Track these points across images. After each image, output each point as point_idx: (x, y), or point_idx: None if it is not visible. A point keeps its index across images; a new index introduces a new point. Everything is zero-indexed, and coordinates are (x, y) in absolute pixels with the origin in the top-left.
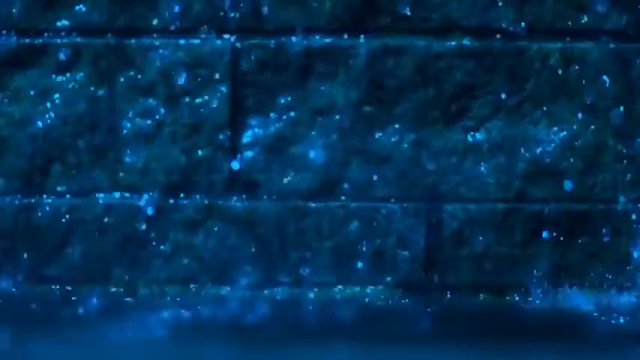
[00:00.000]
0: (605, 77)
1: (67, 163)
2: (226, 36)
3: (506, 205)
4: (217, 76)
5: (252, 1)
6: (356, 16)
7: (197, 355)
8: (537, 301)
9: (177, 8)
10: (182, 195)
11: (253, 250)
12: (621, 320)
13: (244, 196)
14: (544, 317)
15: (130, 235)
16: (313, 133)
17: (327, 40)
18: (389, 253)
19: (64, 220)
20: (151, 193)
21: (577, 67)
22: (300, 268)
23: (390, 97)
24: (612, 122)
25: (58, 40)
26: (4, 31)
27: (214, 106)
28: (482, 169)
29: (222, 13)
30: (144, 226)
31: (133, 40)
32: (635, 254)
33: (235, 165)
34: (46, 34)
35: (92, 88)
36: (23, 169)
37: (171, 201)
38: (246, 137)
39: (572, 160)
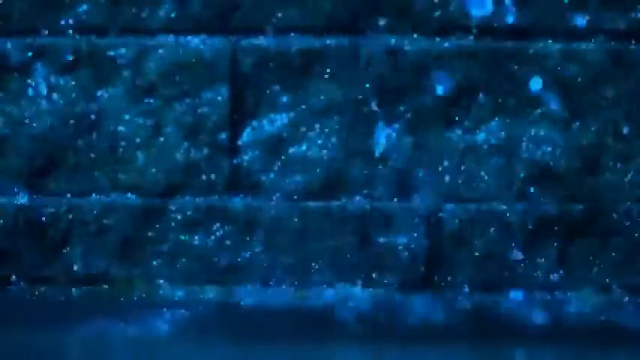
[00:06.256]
0: (605, 77)
1: (67, 164)
2: (226, 36)
3: (506, 206)
4: (217, 76)
5: (253, 2)
6: (357, 16)
7: (198, 354)
8: (537, 301)
9: (177, 8)
10: (182, 195)
11: (253, 250)
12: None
13: (244, 196)
14: (544, 317)
15: (129, 235)
16: (313, 133)
17: (328, 41)
18: (389, 253)
19: (64, 220)
20: (150, 194)
21: (577, 67)
22: (301, 268)
23: (390, 98)
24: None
25: (59, 41)
26: (4, 31)
27: (214, 106)
28: (482, 169)
29: (222, 13)
30: (143, 227)
31: (133, 40)
32: None
33: (235, 165)
34: (46, 34)
35: (92, 89)
36: (23, 169)
37: (171, 201)
38: (246, 137)
39: (572, 160)
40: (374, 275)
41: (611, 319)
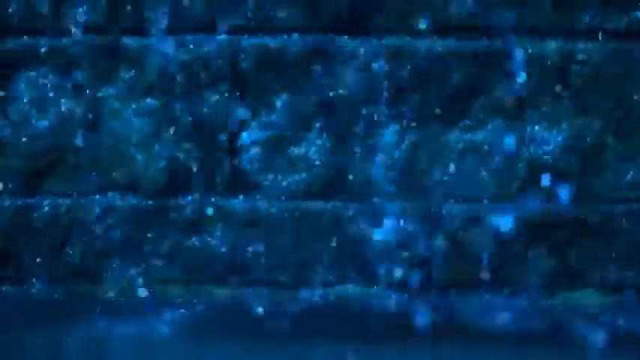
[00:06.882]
0: (605, 77)
1: (67, 163)
2: (226, 36)
3: (506, 205)
4: (217, 75)
5: (253, 1)
6: (356, 16)
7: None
8: (537, 301)
9: (177, 8)
10: (182, 195)
11: (253, 250)
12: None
13: (244, 197)
14: (543, 317)
15: (129, 235)
16: (313, 133)
17: (327, 41)
18: (389, 253)
19: (63, 220)
20: (150, 194)
21: (577, 67)
22: (301, 269)
23: (390, 97)
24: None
25: (60, 40)
26: (4, 31)
27: (214, 106)
28: (482, 169)
29: (222, 13)
30: (143, 227)
31: (133, 40)
32: None
33: (235, 165)
34: (46, 34)
35: (92, 88)
36: (22, 170)
37: (171, 201)
38: (246, 137)
39: (572, 160)
40: (374, 275)
41: (613, 320)
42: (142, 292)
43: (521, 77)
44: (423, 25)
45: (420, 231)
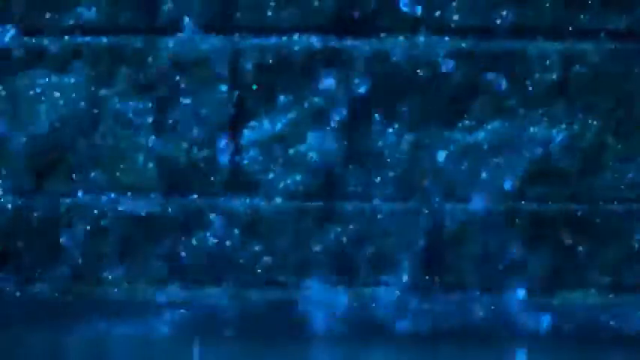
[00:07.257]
0: (605, 77)
1: (66, 164)
2: (226, 36)
3: (506, 206)
4: (217, 76)
5: (253, 1)
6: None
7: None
8: (537, 302)
9: (177, 8)
10: (182, 195)
11: (254, 250)
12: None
13: (244, 197)
14: (541, 317)
15: (129, 235)
16: (313, 133)
17: (327, 40)
18: (389, 252)
19: (63, 220)
20: (150, 194)
21: (577, 67)
22: (300, 269)
23: (390, 97)
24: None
25: (59, 40)
26: (4, 31)
27: (214, 106)
28: (482, 169)
29: (222, 13)
30: (143, 227)
31: (133, 40)
32: None
33: (235, 165)
34: (46, 33)
35: (92, 88)
36: (22, 170)
37: (171, 201)
38: (246, 137)
39: (571, 160)
40: (374, 276)
41: (610, 320)
42: (142, 292)
43: (520, 77)
44: (423, 26)
45: (419, 230)
